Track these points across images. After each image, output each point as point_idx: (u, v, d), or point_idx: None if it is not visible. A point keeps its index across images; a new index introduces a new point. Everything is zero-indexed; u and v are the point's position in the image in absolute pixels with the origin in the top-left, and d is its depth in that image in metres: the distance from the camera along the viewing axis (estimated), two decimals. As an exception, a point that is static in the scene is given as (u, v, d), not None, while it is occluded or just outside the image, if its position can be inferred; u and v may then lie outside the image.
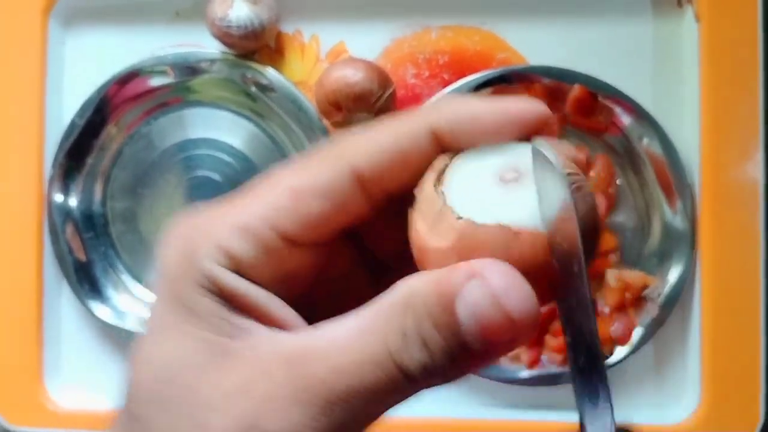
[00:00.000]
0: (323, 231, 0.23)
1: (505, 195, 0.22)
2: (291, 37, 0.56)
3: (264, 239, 0.22)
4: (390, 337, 0.20)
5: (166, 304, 0.22)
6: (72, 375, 0.57)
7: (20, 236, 0.56)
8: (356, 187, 0.22)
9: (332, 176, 0.22)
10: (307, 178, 0.22)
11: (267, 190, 0.23)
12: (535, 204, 0.21)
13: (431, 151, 0.23)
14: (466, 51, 0.54)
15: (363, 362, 0.20)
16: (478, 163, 0.22)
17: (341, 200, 0.22)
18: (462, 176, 0.22)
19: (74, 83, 0.57)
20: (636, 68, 0.53)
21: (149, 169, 0.56)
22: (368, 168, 0.22)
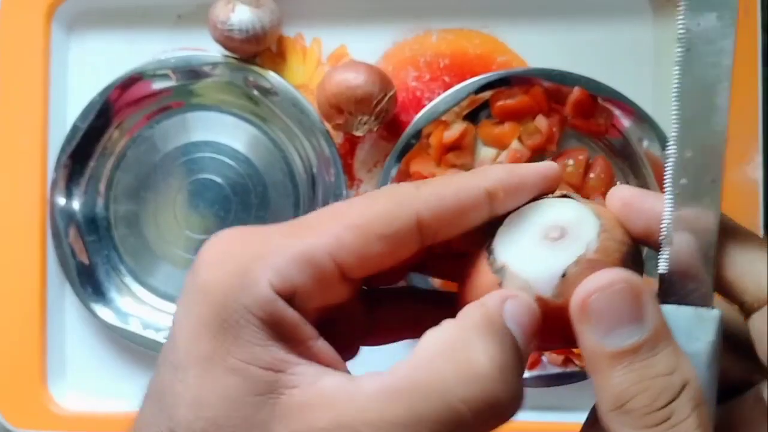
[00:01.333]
0: (373, 269, 0.23)
1: (552, 252, 0.24)
2: (293, 40, 0.56)
3: (324, 272, 0.22)
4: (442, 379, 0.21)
5: (209, 328, 0.21)
6: (75, 377, 0.57)
7: (23, 239, 0.56)
8: (415, 234, 0.23)
9: (398, 221, 0.23)
10: (374, 219, 0.23)
11: (331, 223, 0.23)
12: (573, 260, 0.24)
13: (486, 208, 0.25)
14: (467, 54, 0.55)
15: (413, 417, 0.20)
16: (526, 222, 0.25)
17: (401, 244, 0.23)
18: (514, 236, 0.25)
19: (77, 87, 0.57)
20: (636, 71, 0.53)
21: (152, 172, 0.56)
22: (430, 218, 0.23)
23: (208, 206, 0.56)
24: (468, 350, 0.21)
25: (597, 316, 0.22)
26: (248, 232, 0.23)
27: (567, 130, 0.53)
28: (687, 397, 0.21)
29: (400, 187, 0.24)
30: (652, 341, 0.22)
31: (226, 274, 0.22)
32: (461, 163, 0.53)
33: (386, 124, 0.53)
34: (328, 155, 0.53)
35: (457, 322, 0.22)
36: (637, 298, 0.22)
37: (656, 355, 0.22)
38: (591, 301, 0.22)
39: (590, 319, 0.22)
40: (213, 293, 0.21)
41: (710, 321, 0.23)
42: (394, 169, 0.53)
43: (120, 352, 0.57)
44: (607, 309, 0.22)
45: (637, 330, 0.22)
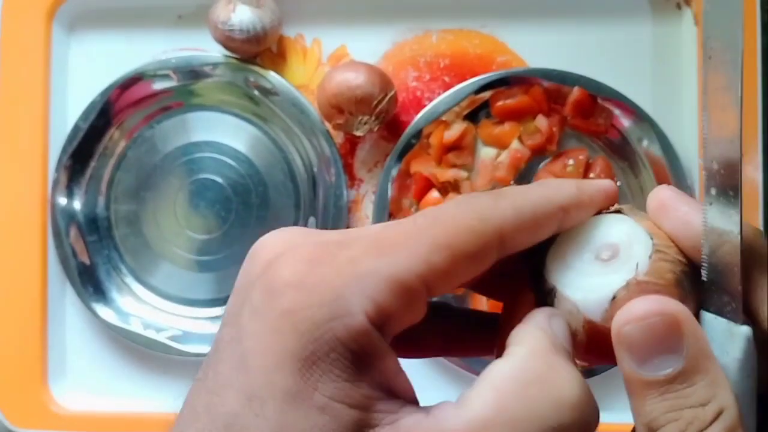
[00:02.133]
0: (454, 287, 0.23)
1: (603, 274, 0.24)
2: (293, 41, 0.56)
3: (416, 297, 0.21)
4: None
5: (295, 360, 0.20)
6: (76, 377, 0.57)
7: (24, 239, 0.56)
8: (496, 250, 0.23)
9: (483, 239, 0.22)
10: (461, 238, 0.22)
11: (419, 243, 0.21)
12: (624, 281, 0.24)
13: (556, 224, 0.24)
14: (467, 54, 0.55)
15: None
16: (578, 241, 0.25)
17: (483, 261, 0.23)
18: (566, 255, 0.25)
19: (78, 87, 0.57)
20: (635, 71, 0.53)
21: (152, 172, 0.56)
22: (510, 233, 0.23)
23: (208, 206, 0.56)
24: (555, 377, 0.21)
25: (631, 345, 0.22)
26: (325, 244, 0.22)
27: (567, 130, 0.53)
28: (719, 427, 0.21)
29: (480, 200, 0.23)
30: (688, 372, 0.22)
31: (316, 302, 0.20)
32: (461, 163, 0.53)
33: (386, 124, 0.54)
34: (329, 155, 0.54)
35: (527, 349, 0.22)
36: (673, 328, 0.22)
37: (693, 385, 0.21)
38: (625, 331, 0.22)
39: (626, 348, 0.22)
40: (302, 322, 0.20)
41: (738, 337, 0.23)
42: (395, 169, 0.53)
43: (121, 352, 0.57)
44: (641, 340, 0.22)
45: (673, 360, 0.22)
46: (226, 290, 0.56)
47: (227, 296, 0.55)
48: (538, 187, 0.24)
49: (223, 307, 0.55)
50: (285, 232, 0.23)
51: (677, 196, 0.25)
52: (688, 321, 0.22)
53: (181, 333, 0.56)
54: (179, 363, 0.56)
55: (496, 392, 0.21)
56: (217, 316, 0.56)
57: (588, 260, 0.24)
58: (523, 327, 0.23)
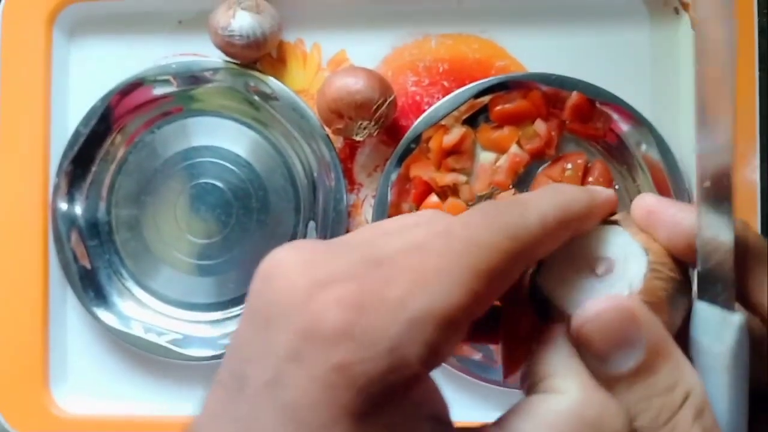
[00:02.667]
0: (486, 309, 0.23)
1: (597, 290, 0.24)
2: (293, 46, 0.56)
3: (462, 328, 0.21)
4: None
5: (352, 415, 0.19)
6: (77, 380, 0.57)
7: (26, 244, 0.56)
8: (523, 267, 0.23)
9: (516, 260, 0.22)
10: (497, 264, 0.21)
11: (460, 274, 0.21)
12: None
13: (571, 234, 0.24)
14: (466, 59, 0.55)
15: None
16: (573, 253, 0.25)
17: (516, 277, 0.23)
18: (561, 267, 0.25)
19: (79, 92, 0.57)
20: (633, 75, 0.54)
21: (153, 177, 0.57)
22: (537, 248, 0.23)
23: (209, 210, 0.56)
24: (609, 414, 0.22)
25: (591, 344, 0.22)
26: (362, 280, 0.20)
27: (565, 134, 0.53)
28: (689, 409, 0.22)
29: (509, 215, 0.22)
30: (651, 361, 0.22)
31: (372, 355, 0.19)
32: (461, 168, 0.53)
33: (386, 129, 0.54)
34: (329, 160, 0.54)
35: (577, 386, 0.22)
36: (629, 321, 0.22)
37: (657, 373, 0.22)
38: (584, 331, 0.22)
39: (587, 347, 0.22)
40: (359, 378, 0.19)
41: (731, 325, 0.23)
42: (394, 174, 0.53)
43: (121, 356, 0.57)
44: (600, 337, 0.22)
45: (635, 353, 0.22)
46: (226, 294, 0.56)
47: (227, 300, 0.56)
48: (556, 195, 0.24)
49: (224, 311, 0.57)
50: (303, 252, 0.22)
51: (661, 201, 0.25)
52: (642, 311, 0.22)
53: (181, 337, 0.56)
54: (180, 367, 0.56)
55: (536, 424, 0.21)
56: (217, 320, 0.57)
57: (584, 274, 0.25)
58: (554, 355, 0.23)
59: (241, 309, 0.56)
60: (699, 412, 0.22)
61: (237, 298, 0.56)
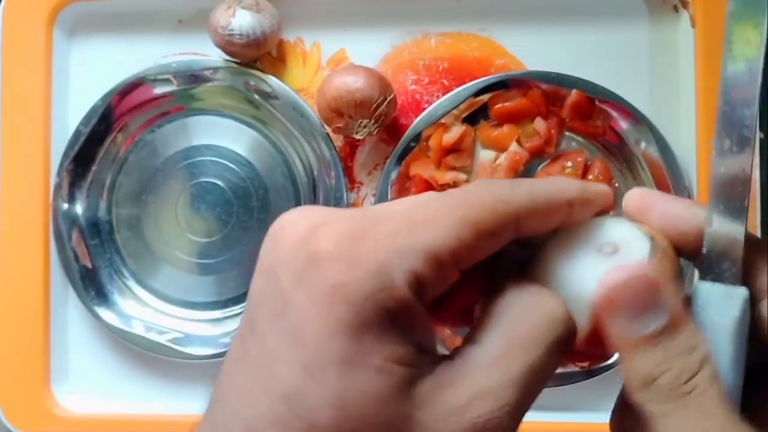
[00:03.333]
0: (475, 261, 0.24)
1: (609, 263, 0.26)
2: (293, 44, 0.56)
3: (447, 269, 0.23)
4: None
5: (349, 329, 0.21)
6: (78, 379, 0.58)
7: (27, 243, 0.56)
8: (513, 230, 0.25)
9: (504, 218, 0.24)
10: (484, 216, 0.24)
11: (448, 220, 0.23)
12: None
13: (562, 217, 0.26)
14: (465, 57, 0.55)
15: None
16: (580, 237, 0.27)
17: (501, 239, 0.25)
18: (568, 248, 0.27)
19: (79, 91, 0.58)
20: (633, 73, 0.54)
21: (154, 176, 0.57)
22: (526, 219, 0.25)
23: (209, 209, 0.56)
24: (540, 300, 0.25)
25: (621, 307, 0.24)
26: (361, 220, 0.23)
27: (565, 133, 0.53)
28: (707, 371, 0.24)
29: (500, 185, 0.25)
30: (671, 326, 0.24)
31: (364, 275, 0.22)
32: (460, 166, 0.53)
33: (386, 128, 0.54)
34: (329, 158, 0.54)
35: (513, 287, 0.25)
36: (654, 287, 0.24)
37: (676, 338, 0.24)
38: (615, 294, 0.24)
39: (616, 311, 0.24)
40: (353, 294, 0.21)
41: (737, 298, 0.25)
42: (394, 172, 0.53)
43: (122, 355, 0.57)
44: (628, 300, 0.24)
45: (657, 317, 0.24)
46: (227, 293, 0.57)
47: (228, 299, 0.56)
48: (549, 181, 0.27)
49: (224, 310, 0.57)
50: (308, 210, 0.24)
51: (651, 193, 0.28)
52: (664, 280, 0.25)
53: (182, 335, 0.56)
54: (181, 365, 0.56)
55: (502, 327, 0.24)
56: (218, 319, 0.57)
57: (591, 254, 0.26)
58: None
59: (241, 308, 0.56)
60: (715, 377, 0.24)
61: (237, 296, 0.56)
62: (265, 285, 0.23)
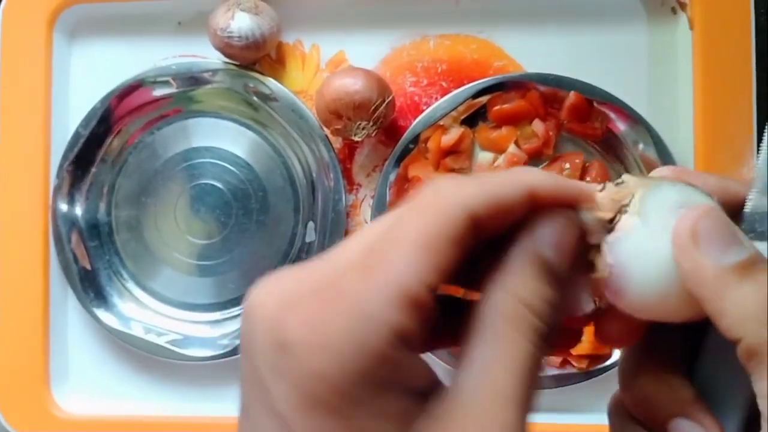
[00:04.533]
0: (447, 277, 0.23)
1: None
2: (292, 47, 0.56)
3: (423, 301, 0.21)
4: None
5: (334, 410, 0.21)
6: (78, 381, 0.58)
7: (26, 245, 0.56)
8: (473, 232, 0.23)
9: (458, 224, 0.22)
10: (435, 231, 0.22)
11: (402, 254, 0.22)
12: None
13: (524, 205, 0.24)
14: (464, 59, 0.55)
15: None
16: (653, 204, 0.25)
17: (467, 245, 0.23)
18: (646, 214, 0.25)
19: (79, 94, 0.58)
20: (631, 75, 0.54)
21: (153, 178, 0.57)
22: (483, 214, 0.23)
23: (209, 211, 0.56)
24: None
25: (709, 237, 0.23)
26: (323, 292, 0.22)
27: (563, 134, 0.54)
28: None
29: (446, 186, 0.23)
30: (755, 259, 0.23)
31: (338, 356, 0.21)
32: (459, 167, 0.54)
33: (384, 129, 0.54)
34: (328, 160, 0.54)
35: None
36: (728, 219, 0.24)
37: (762, 268, 0.23)
38: (701, 225, 0.23)
39: (704, 242, 0.23)
40: (331, 378, 0.21)
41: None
42: (393, 174, 0.53)
43: (122, 356, 0.57)
44: (716, 229, 0.23)
45: (743, 245, 0.23)
46: (226, 294, 0.57)
47: (227, 300, 0.56)
48: (505, 172, 0.25)
49: (223, 312, 0.57)
50: (275, 284, 0.23)
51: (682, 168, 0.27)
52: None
53: (181, 337, 0.56)
54: (180, 367, 0.56)
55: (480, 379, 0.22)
56: (217, 321, 0.57)
57: (664, 215, 0.24)
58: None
59: (240, 309, 0.56)
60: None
61: (236, 298, 0.57)
62: (248, 370, 0.23)
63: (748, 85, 0.51)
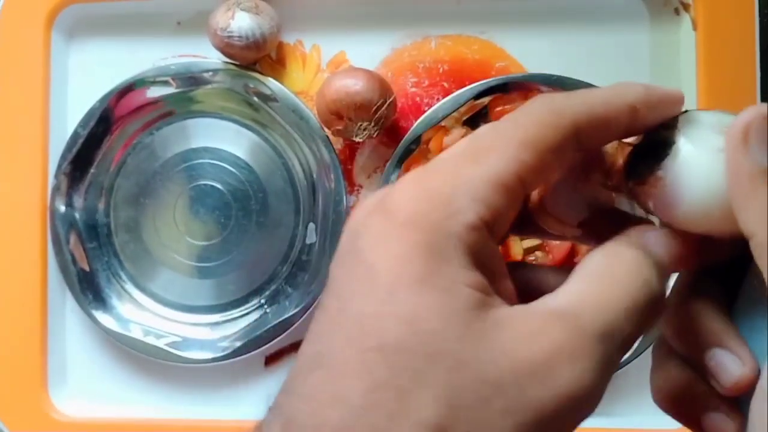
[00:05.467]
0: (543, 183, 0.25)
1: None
2: (292, 47, 0.56)
3: (516, 193, 0.23)
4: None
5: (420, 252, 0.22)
6: (76, 383, 0.57)
7: (24, 246, 0.56)
8: (574, 142, 0.25)
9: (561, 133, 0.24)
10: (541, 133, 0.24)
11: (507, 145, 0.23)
12: None
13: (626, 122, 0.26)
14: (466, 60, 0.55)
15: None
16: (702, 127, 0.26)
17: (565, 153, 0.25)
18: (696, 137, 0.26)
19: (77, 94, 0.57)
20: (633, 76, 0.53)
21: (152, 178, 0.56)
22: (585, 129, 0.25)
23: (208, 212, 0.56)
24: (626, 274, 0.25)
25: (758, 137, 0.24)
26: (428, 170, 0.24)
27: (566, 135, 0.53)
28: None
29: (553, 98, 0.25)
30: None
31: (432, 206, 0.22)
32: (461, 169, 0.53)
33: (386, 130, 0.54)
34: (328, 161, 0.54)
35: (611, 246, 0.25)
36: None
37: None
38: (753, 126, 0.24)
39: (751, 141, 0.24)
40: (422, 222, 0.22)
41: None
42: (394, 175, 0.53)
43: (120, 359, 0.57)
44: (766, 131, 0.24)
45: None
46: (225, 296, 0.56)
47: (227, 302, 0.56)
48: (607, 87, 0.26)
49: (223, 314, 0.56)
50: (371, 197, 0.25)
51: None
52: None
53: (180, 339, 0.56)
54: (179, 369, 0.56)
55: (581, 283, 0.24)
56: (216, 323, 0.56)
57: (711, 140, 0.25)
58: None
59: (240, 311, 0.56)
60: None
61: (236, 300, 0.56)
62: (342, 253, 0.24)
63: (751, 86, 0.51)
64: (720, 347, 0.26)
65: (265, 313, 0.56)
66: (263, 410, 0.23)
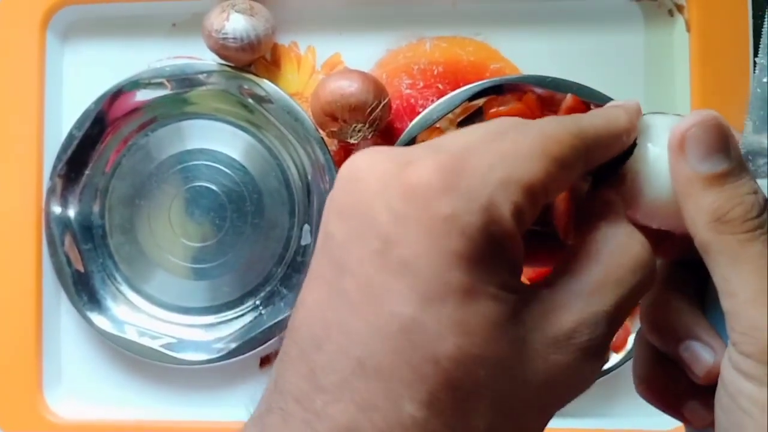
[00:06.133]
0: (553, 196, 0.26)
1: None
2: (287, 48, 0.56)
3: (540, 201, 0.24)
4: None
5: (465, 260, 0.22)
6: (71, 385, 0.57)
7: (19, 247, 0.56)
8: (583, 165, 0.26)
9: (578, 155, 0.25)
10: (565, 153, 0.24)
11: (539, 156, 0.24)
12: None
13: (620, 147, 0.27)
14: (460, 61, 0.55)
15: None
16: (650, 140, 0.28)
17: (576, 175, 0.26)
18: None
19: (72, 95, 0.57)
20: (628, 77, 0.54)
21: (147, 180, 0.56)
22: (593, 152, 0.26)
23: (203, 214, 0.56)
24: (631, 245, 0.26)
25: (696, 144, 0.26)
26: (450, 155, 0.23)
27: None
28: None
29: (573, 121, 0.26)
30: (737, 169, 0.26)
31: (476, 207, 0.22)
32: (455, 170, 0.53)
33: (380, 132, 0.54)
34: (323, 163, 0.54)
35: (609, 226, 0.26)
36: (724, 132, 0.26)
37: (742, 179, 0.26)
38: (690, 133, 0.26)
39: (692, 147, 0.26)
40: (467, 226, 0.22)
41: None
42: (389, 176, 0.53)
43: (115, 360, 0.57)
44: (703, 139, 0.26)
45: (725, 159, 0.26)
46: (220, 298, 0.56)
47: (222, 304, 0.56)
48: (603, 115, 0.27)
49: (218, 315, 0.56)
50: (380, 150, 0.24)
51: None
52: (731, 129, 0.26)
53: (175, 341, 0.56)
54: (174, 371, 0.56)
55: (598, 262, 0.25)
56: (211, 324, 0.56)
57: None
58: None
59: (235, 313, 0.56)
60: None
61: (231, 301, 0.56)
62: (352, 225, 0.23)
63: (744, 88, 0.51)
64: (693, 339, 0.27)
65: (260, 314, 0.56)
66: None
